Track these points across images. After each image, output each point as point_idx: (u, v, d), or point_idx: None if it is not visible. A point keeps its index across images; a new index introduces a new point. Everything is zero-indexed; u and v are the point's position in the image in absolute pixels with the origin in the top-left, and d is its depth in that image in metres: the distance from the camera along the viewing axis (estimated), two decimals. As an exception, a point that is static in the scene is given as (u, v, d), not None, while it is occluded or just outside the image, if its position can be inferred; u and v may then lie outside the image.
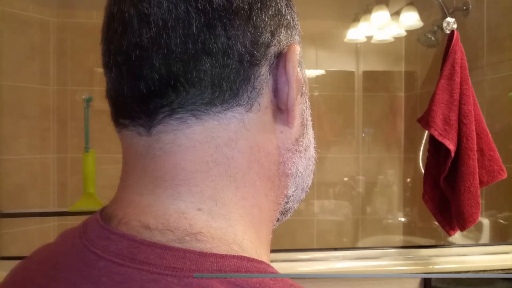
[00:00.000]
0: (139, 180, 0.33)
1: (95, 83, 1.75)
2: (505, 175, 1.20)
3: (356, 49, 2.06)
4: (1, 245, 1.54)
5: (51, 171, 1.80)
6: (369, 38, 1.89)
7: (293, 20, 0.37)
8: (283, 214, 0.40)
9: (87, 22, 1.82)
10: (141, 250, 0.28)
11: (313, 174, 0.41)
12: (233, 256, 0.29)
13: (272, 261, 0.36)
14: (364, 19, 1.85)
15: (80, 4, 1.82)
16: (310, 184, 0.41)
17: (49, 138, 1.78)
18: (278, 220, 0.40)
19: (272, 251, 0.39)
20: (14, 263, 0.36)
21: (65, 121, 1.80)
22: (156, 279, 0.26)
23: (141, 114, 0.32)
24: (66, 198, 1.80)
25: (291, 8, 0.37)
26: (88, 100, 1.36)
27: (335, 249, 1.21)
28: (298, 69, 0.35)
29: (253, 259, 0.30)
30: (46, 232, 1.75)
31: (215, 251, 0.29)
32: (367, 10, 1.82)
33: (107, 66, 0.33)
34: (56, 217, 1.77)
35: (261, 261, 0.30)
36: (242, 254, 0.30)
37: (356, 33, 1.90)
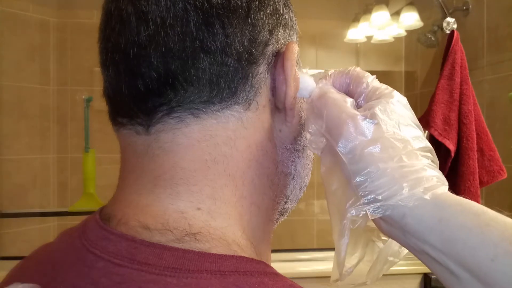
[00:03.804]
0: (138, 180, 0.32)
1: (95, 83, 1.75)
2: (505, 175, 1.20)
3: (356, 49, 2.06)
4: (1, 245, 1.55)
5: (51, 171, 1.80)
6: (369, 38, 1.89)
7: (290, 19, 0.37)
8: (282, 214, 0.40)
9: (87, 22, 1.81)
10: (140, 251, 0.28)
11: (310, 173, 0.41)
12: (232, 256, 0.29)
13: (272, 261, 0.36)
14: (364, 19, 1.84)
15: (80, 4, 1.82)
16: (307, 183, 0.41)
17: (49, 138, 1.78)
18: (277, 221, 0.40)
19: (272, 251, 0.39)
20: (14, 263, 0.36)
21: (65, 121, 1.80)
22: (155, 280, 0.26)
23: (139, 113, 0.31)
24: (66, 198, 1.80)
25: (288, 7, 0.37)
26: (88, 100, 1.36)
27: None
28: (296, 68, 0.35)
29: (252, 259, 0.30)
30: (46, 232, 1.75)
31: (214, 251, 0.29)
32: (367, 10, 1.82)
33: (104, 64, 0.33)
34: (56, 217, 1.77)
35: (260, 261, 0.30)
36: (241, 254, 0.30)
37: (356, 33, 1.90)
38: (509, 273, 0.28)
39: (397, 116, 0.33)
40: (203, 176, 0.32)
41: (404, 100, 0.35)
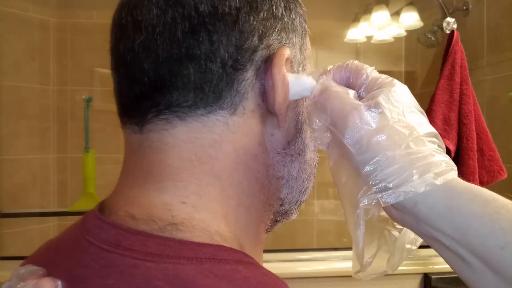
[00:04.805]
0: (131, 174, 0.35)
1: (95, 83, 1.75)
2: (505, 175, 1.20)
3: (356, 49, 2.06)
4: (1, 245, 1.54)
5: (51, 171, 1.80)
6: (369, 38, 1.89)
7: (292, 22, 0.37)
8: (282, 215, 0.40)
9: (87, 22, 1.81)
10: (126, 238, 0.30)
11: (314, 176, 0.41)
12: (211, 245, 0.30)
13: (272, 261, 0.36)
14: (364, 19, 1.84)
15: (80, 4, 1.82)
16: (309, 186, 0.41)
17: (49, 138, 1.78)
18: (277, 221, 0.41)
19: (272, 251, 0.39)
20: (14, 263, 0.37)
21: (65, 121, 1.80)
22: (137, 264, 0.28)
23: (136, 113, 0.34)
24: (66, 198, 1.80)
25: (291, 10, 0.37)
26: (88, 100, 1.36)
27: (335, 249, 1.21)
28: (286, 73, 0.35)
29: (231, 248, 0.31)
30: (46, 232, 1.75)
31: (195, 239, 0.30)
32: (367, 10, 1.82)
33: (112, 68, 0.36)
34: (56, 217, 1.77)
35: (239, 251, 0.31)
36: (222, 244, 0.31)
37: (356, 33, 1.90)
38: None
39: (400, 103, 0.34)
40: (188, 174, 0.33)
41: (405, 87, 0.35)
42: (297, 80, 0.36)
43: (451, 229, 0.30)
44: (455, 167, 0.32)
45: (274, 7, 0.35)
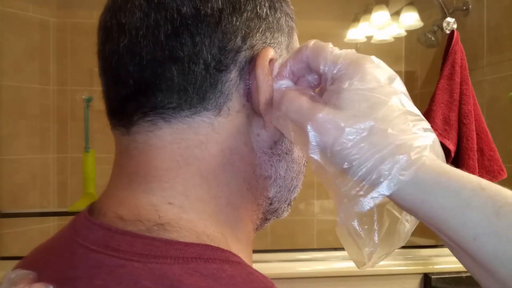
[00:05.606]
0: (120, 176, 0.35)
1: (95, 83, 1.75)
2: (505, 175, 1.20)
3: (356, 49, 2.04)
4: (1, 245, 1.54)
5: (51, 171, 1.80)
6: (369, 38, 1.89)
7: (277, 21, 0.37)
8: (271, 214, 0.40)
9: (87, 22, 1.81)
10: (114, 238, 0.30)
11: (303, 175, 0.41)
12: (197, 244, 0.30)
13: (272, 261, 0.36)
14: (364, 19, 1.84)
15: (80, 4, 1.82)
16: (298, 185, 0.41)
17: (49, 138, 1.78)
18: (267, 219, 0.41)
19: (272, 251, 0.39)
20: (14, 263, 0.37)
21: (65, 121, 1.80)
22: (124, 264, 0.28)
23: (123, 116, 0.34)
24: (66, 198, 1.80)
25: (276, 9, 0.37)
26: (88, 100, 1.36)
27: (335, 249, 1.21)
28: (269, 73, 0.34)
29: (218, 248, 0.31)
30: (46, 232, 1.75)
31: (182, 239, 0.30)
32: (367, 10, 1.82)
33: (99, 70, 0.36)
34: (56, 217, 1.77)
35: (226, 250, 0.31)
36: (209, 244, 0.31)
37: (356, 33, 1.90)
38: (490, 252, 0.28)
39: (360, 95, 0.31)
40: (175, 175, 0.33)
41: (367, 69, 0.32)
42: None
43: (426, 218, 0.30)
44: (427, 147, 0.30)
45: (258, 7, 0.35)
